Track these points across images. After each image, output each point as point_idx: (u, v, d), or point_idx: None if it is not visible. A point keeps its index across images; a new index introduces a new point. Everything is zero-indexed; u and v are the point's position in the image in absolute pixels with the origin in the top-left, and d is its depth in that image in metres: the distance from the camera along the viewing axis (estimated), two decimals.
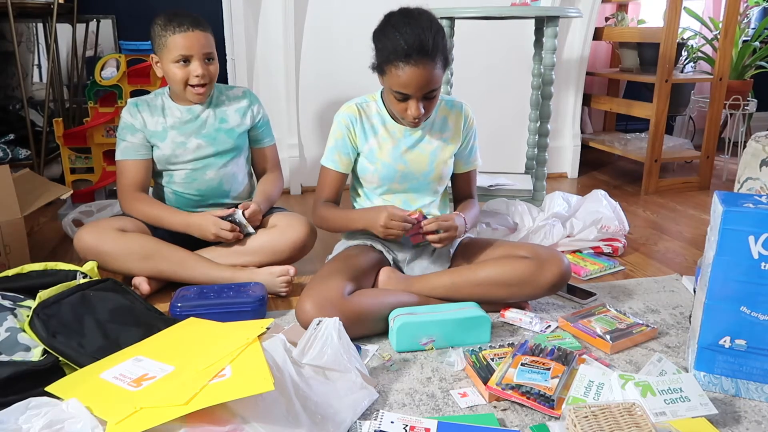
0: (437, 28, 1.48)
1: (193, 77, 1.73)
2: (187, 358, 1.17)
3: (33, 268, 1.57)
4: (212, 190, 1.87)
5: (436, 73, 1.47)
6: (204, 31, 1.74)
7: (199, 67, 1.73)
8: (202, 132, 1.83)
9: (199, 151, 1.82)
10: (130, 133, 1.81)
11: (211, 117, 1.84)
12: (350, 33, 2.76)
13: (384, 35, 1.48)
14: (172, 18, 1.72)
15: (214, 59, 1.78)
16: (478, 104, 2.46)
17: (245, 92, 1.91)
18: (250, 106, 1.89)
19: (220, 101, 1.87)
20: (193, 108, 1.83)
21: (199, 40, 1.72)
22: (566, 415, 1.11)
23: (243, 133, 1.88)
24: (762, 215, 1.17)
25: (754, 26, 3.57)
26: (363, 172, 1.68)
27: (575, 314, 1.58)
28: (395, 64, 1.46)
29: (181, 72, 1.73)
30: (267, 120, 1.95)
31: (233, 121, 1.86)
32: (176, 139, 1.81)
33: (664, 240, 2.28)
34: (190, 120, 1.82)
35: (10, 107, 3.05)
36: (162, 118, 1.82)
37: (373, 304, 1.49)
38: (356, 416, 1.17)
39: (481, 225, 2.16)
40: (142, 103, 1.83)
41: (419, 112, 1.51)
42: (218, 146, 1.84)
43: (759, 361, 1.24)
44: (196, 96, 1.77)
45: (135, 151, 1.81)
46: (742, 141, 3.27)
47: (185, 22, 1.71)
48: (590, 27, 3.04)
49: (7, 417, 0.99)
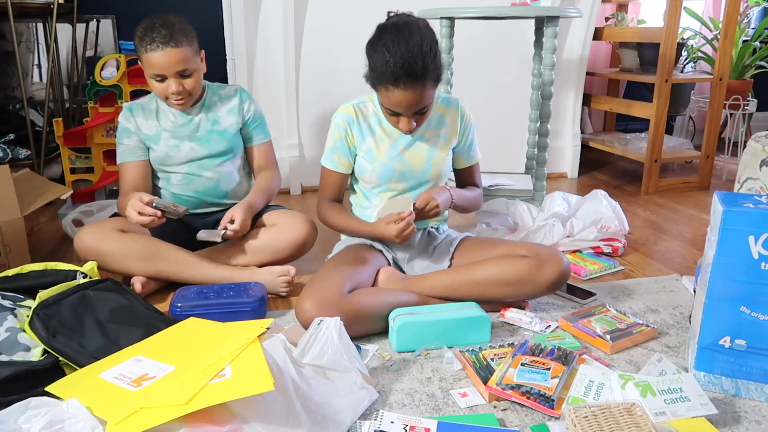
0: (428, 45, 1.46)
1: (170, 93, 1.72)
2: (187, 358, 1.17)
3: (33, 268, 1.58)
4: (209, 190, 1.87)
5: (426, 94, 1.48)
6: (176, 47, 1.67)
7: (173, 85, 1.70)
8: (195, 135, 1.83)
9: (192, 153, 1.82)
10: (126, 137, 1.82)
11: (204, 120, 1.84)
12: (350, 32, 2.75)
13: (375, 53, 1.48)
14: (145, 33, 1.67)
15: (192, 73, 1.73)
16: (478, 104, 2.47)
17: (237, 90, 1.90)
18: (241, 104, 1.87)
19: (212, 103, 1.86)
20: (185, 113, 1.83)
21: (170, 58, 1.67)
22: (566, 415, 1.11)
23: (236, 133, 1.88)
24: (762, 215, 1.17)
25: (754, 26, 3.57)
26: (361, 172, 1.69)
27: (575, 314, 1.58)
28: (385, 86, 1.47)
29: (159, 87, 1.72)
30: (260, 117, 1.93)
31: (225, 121, 1.86)
32: (169, 142, 1.81)
33: (664, 240, 2.28)
34: (183, 124, 1.82)
35: (10, 107, 3.05)
36: (156, 122, 1.82)
37: (372, 303, 1.49)
38: (356, 416, 1.17)
39: (481, 225, 2.16)
40: (137, 107, 1.84)
41: (410, 126, 1.54)
42: (212, 148, 1.84)
43: (759, 361, 1.24)
44: (178, 107, 1.78)
45: (132, 153, 1.82)
46: (742, 141, 3.27)
47: (156, 39, 1.66)
48: (590, 27, 3.04)
49: (7, 417, 0.99)
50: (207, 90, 1.86)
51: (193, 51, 1.72)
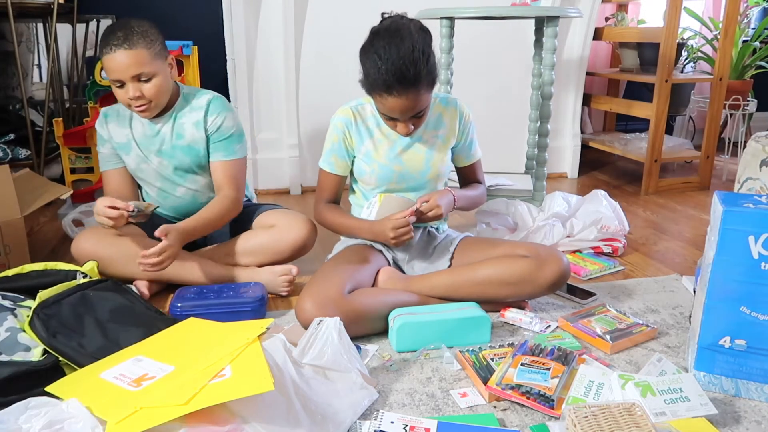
0: (420, 49, 1.44)
1: (128, 99, 1.62)
2: (187, 358, 1.17)
3: (33, 268, 1.58)
4: (187, 205, 1.82)
5: (421, 98, 1.48)
6: (130, 49, 1.56)
7: (131, 90, 1.59)
8: (162, 149, 1.75)
9: (162, 168, 1.77)
10: (101, 144, 1.79)
11: (168, 133, 1.74)
12: (351, 33, 2.74)
13: (368, 59, 1.47)
14: (105, 37, 1.58)
15: (151, 78, 1.61)
16: (478, 104, 2.47)
17: (209, 101, 1.75)
18: (206, 116, 1.73)
19: (181, 113, 1.74)
20: (153, 123, 1.74)
21: (123, 61, 1.56)
22: (566, 415, 1.11)
23: (202, 149, 1.76)
24: (762, 215, 1.17)
25: (754, 26, 3.57)
26: (360, 174, 1.69)
27: (575, 314, 1.58)
28: (379, 93, 1.47)
29: (119, 93, 1.62)
30: (229, 132, 1.75)
31: (189, 135, 1.74)
32: (139, 153, 1.76)
33: (664, 240, 2.28)
34: (150, 135, 1.74)
35: (10, 107, 3.05)
36: (128, 130, 1.75)
37: (372, 303, 1.49)
38: (356, 416, 1.17)
39: (481, 225, 2.16)
40: (112, 113, 1.77)
41: (408, 130, 1.54)
42: (178, 163, 1.76)
43: (759, 361, 1.24)
44: (141, 114, 1.66)
45: (108, 161, 1.79)
46: (742, 141, 3.27)
47: (112, 41, 1.56)
48: (590, 27, 3.04)
49: (7, 417, 0.99)
50: (180, 97, 1.75)
51: (151, 54, 1.60)
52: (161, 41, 1.66)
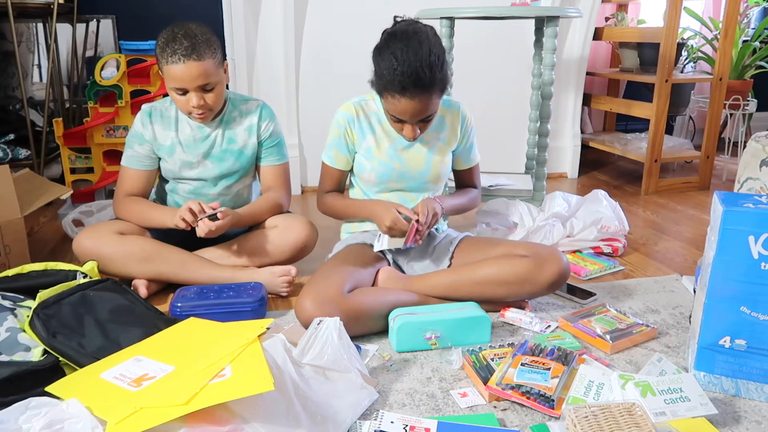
0: (437, 54, 1.46)
1: (191, 108, 1.65)
2: (187, 358, 1.17)
3: (33, 268, 1.58)
4: None
5: (432, 103, 1.49)
6: (198, 60, 1.58)
7: (194, 99, 1.62)
8: (210, 153, 1.77)
9: (204, 171, 1.78)
10: (138, 143, 1.76)
11: (220, 137, 1.76)
12: (351, 33, 2.76)
13: (382, 60, 1.47)
14: (168, 43, 1.58)
15: (215, 87, 1.64)
16: (479, 104, 2.47)
17: (258, 107, 1.80)
18: (259, 122, 1.79)
19: (231, 118, 1.78)
20: (202, 126, 1.76)
21: (191, 72, 1.58)
22: (566, 415, 1.11)
23: (251, 153, 1.81)
24: (762, 215, 1.17)
25: (754, 26, 3.57)
26: (360, 170, 1.69)
27: (575, 314, 1.58)
28: (391, 93, 1.47)
29: (180, 100, 1.65)
30: (278, 138, 1.83)
31: (241, 140, 1.78)
32: (183, 158, 1.76)
33: (664, 240, 2.28)
34: (199, 139, 1.76)
35: (10, 107, 3.05)
36: (173, 132, 1.76)
37: (372, 303, 1.49)
38: (356, 416, 1.17)
39: (481, 225, 2.16)
40: (156, 112, 1.76)
41: (414, 134, 1.55)
42: (224, 168, 1.78)
43: (759, 361, 1.24)
44: (199, 120, 1.69)
45: (139, 161, 1.78)
46: (742, 141, 3.27)
47: (178, 51, 1.57)
48: (590, 27, 3.04)
49: (7, 417, 0.99)
50: (228, 103, 1.78)
51: (215, 63, 1.63)
52: (221, 47, 1.69)
